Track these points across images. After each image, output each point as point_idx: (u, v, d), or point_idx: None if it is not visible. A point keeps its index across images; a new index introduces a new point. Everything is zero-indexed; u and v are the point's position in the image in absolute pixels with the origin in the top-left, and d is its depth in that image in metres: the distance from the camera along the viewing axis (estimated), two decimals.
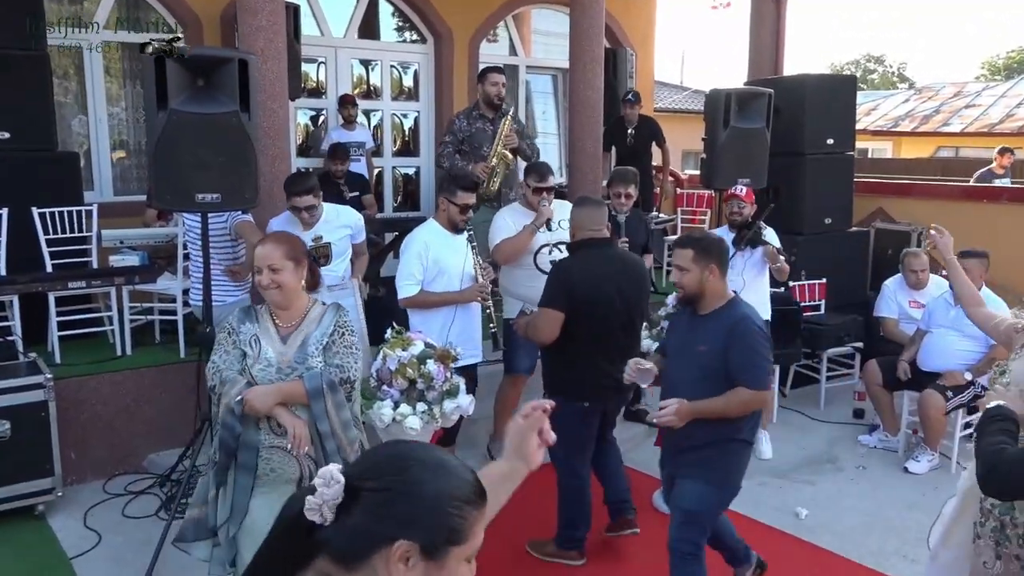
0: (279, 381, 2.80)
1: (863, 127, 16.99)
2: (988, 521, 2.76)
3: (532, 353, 4.63)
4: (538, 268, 4.49)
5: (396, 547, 1.12)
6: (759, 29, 8.45)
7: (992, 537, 2.74)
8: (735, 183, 6.40)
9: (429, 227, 4.33)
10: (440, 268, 4.21)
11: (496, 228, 4.71)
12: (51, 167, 5.60)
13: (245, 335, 2.87)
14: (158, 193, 4.01)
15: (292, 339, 2.87)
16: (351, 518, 1.13)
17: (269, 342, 2.85)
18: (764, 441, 5.33)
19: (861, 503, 4.66)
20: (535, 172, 4.66)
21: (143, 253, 5.62)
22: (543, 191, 4.58)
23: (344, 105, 7.64)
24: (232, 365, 2.85)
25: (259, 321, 2.90)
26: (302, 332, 2.88)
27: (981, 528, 2.78)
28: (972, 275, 5.05)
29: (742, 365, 3.10)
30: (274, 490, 2.84)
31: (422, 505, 1.15)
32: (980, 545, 2.79)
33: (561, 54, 8.66)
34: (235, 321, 2.92)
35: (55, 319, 4.98)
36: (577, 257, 3.81)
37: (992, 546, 2.74)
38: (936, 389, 4.94)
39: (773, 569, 3.96)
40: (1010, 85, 19.47)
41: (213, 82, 3.92)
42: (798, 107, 6.78)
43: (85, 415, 4.75)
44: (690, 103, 17.87)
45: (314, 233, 4.37)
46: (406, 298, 4.17)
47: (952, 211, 7.33)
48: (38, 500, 4.32)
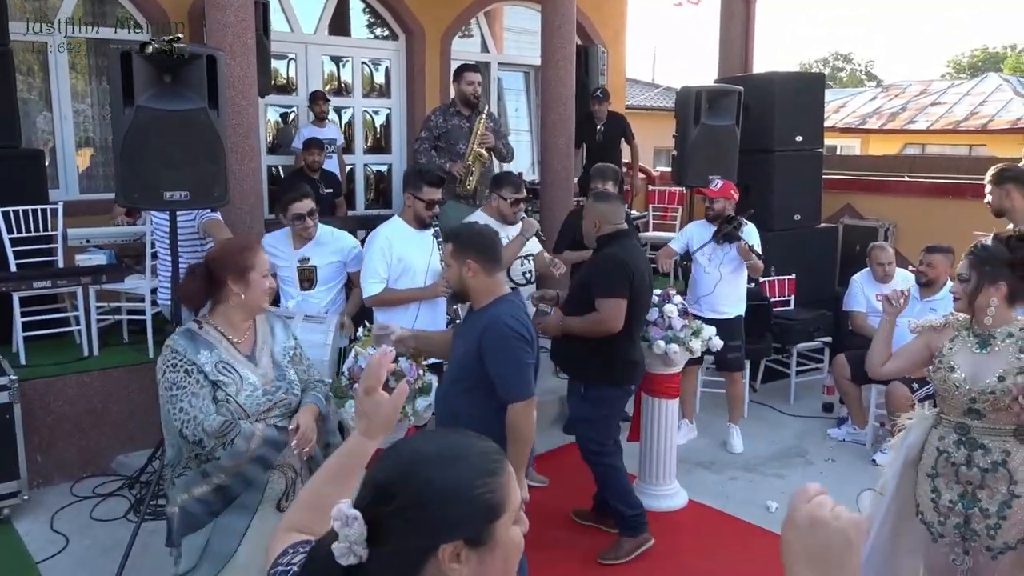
0: (267, 403, 2.64)
1: (831, 124, 17.20)
2: (949, 519, 2.79)
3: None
4: (511, 280, 4.44)
5: (441, 552, 1.10)
6: (729, 27, 8.52)
7: (957, 533, 2.78)
8: (706, 180, 6.46)
9: (393, 224, 4.25)
10: (405, 265, 4.14)
11: None
12: (15, 165, 5.49)
13: (208, 364, 2.55)
14: (125, 191, 3.94)
15: (258, 356, 2.68)
16: (385, 546, 1.10)
17: (241, 365, 2.63)
18: (735, 435, 5.41)
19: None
20: (510, 184, 4.59)
21: (110, 252, 5.55)
22: (519, 202, 4.57)
23: (315, 101, 7.59)
24: (208, 409, 2.52)
25: (214, 345, 2.59)
26: (264, 348, 2.71)
27: (942, 527, 2.81)
28: (938, 270, 5.16)
29: (496, 376, 2.80)
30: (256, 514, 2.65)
31: (446, 505, 1.11)
32: (943, 544, 2.82)
33: (533, 51, 8.69)
34: (189, 353, 2.54)
35: (20, 319, 4.90)
36: (622, 247, 3.92)
37: (959, 542, 2.78)
38: (902, 381, 5.02)
39: (744, 562, 4.01)
40: (974, 83, 19.81)
41: (181, 79, 3.87)
42: (767, 104, 6.84)
43: (51, 417, 4.68)
44: (661, 100, 17.96)
45: (302, 254, 4.28)
46: (370, 296, 4.14)
47: (918, 207, 7.46)
48: (3, 504, 4.25)
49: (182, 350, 2.55)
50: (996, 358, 2.73)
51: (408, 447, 1.19)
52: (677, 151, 6.36)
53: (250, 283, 2.62)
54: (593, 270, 3.96)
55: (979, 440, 2.74)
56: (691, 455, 5.24)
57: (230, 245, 2.81)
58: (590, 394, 3.98)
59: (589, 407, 4.00)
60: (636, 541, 4.00)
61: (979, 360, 2.76)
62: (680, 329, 4.41)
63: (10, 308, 4.91)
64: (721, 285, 5.17)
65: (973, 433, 2.76)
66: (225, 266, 2.61)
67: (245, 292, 2.61)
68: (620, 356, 3.95)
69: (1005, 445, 2.71)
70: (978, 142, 17.02)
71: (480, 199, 5.81)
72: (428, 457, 1.15)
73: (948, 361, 2.82)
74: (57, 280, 4.97)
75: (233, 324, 2.65)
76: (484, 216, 4.56)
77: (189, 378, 2.52)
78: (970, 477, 2.75)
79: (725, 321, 5.08)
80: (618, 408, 4.14)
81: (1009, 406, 2.66)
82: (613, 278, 3.83)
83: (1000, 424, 2.72)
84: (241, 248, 2.71)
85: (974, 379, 2.74)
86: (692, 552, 4.16)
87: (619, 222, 3.98)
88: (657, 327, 4.39)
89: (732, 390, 5.49)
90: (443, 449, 1.16)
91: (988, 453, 2.73)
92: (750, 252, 5.02)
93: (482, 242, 2.95)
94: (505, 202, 4.53)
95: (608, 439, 4.07)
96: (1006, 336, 2.75)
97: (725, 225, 5.12)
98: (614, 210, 3.99)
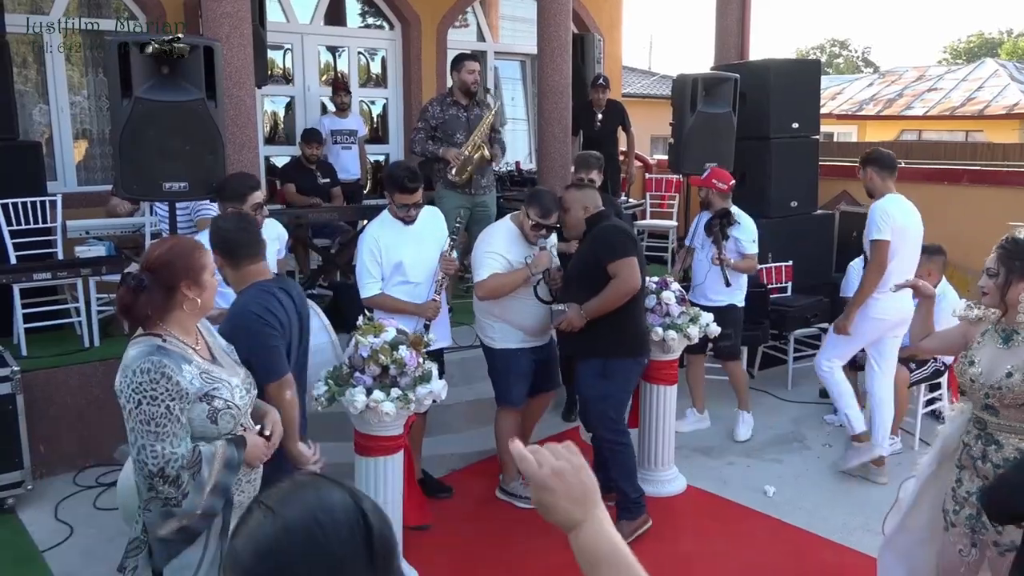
0: (250, 400, 2.54)
1: (828, 111, 17.19)
2: (963, 509, 2.79)
3: (525, 383, 4.39)
4: (539, 298, 4.26)
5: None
6: (725, 13, 8.49)
7: (968, 525, 2.77)
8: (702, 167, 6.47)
9: (381, 220, 4.19)
10: (396, 262, 4.08)
11: (484, 255, 4.19)
12: (13, 157, 5.50)
13: (195, 379, 2.32)
14: (124, 182, 3.96)
15: (220, 359, 2.51)
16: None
17: (218, 370, 2.44)
18: (742, 423, 5.41)
19: (827, 480, 4.77)
20: (538, 206, 4.14)
21: (109, 243, 5.56)
22: (541, 227, 4.16)
23: (336, 92, 7.55)
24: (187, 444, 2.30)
25: (189, 357, 2.36)
26: (218, 349, 2.55)
27: (956, 517, 2.81)
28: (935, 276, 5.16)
29: (248, 361, 2.69)
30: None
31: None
32: (955, 533, 2.81)
33: (529, 40, 8.65)
34: (174, 373, 2.26)
35: (20, 311, 4.92)
36: (611, 220, 4.12)
37: (968, 533, 2.77)
38: (901, 362, 5.06)
39: (743, 546, 4.06)
40: (970, 69, 19.78)
41: (178, 70, 3.88)
42: (763, 92, 6.85)
43: (54, 407, 4.71)
44: (658, 88, 17.93)
45: None
46: (367, 298, 4.13)
47: (915, 194, 7.44)
48: (8, 494, 4.29)
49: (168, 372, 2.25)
50: (1013, 354, 2.68)
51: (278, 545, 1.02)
52: (674, 139, 6.37)
53: (204, 285, 2.42)
54: (595, 245, 4.00)
55: (995, 436, 2.71)
56: (689, 441, 5.28)
57: (178, 248, 2.45)
58: (609, 369, 4.03)
59: (607, 384, 4.05)
60: (634, 524, 4.05)
61: (999, 355, 2.72)
62: (678, 316, 4.44)
63: (11, 300, 4.93)
64: (711, 275, 5.20)
65: (989, 428, 2.73)
66: (178, 271, 2.36)
67: (200, 295, 2.41)
68: (632, 327, 4.08)
69: (1020, 443, 2.66)
70: (975, 128, 17.02)
71: (475, 188, 5.81)
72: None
73: (971, 355, 2.79)
74: (57, 272, 5.00)
75: (188, 331, 2.43)
76: (507, 231, 4.27)
77: (170, 416, 2.24)
78: (985, 472, 2.72)
79: (715, 309, 5.06)
80: (633, 383, 4.27)
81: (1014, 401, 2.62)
82: (617, 241, 3.97)
83: (1014, 421, 2.67)
84: (192, 249, 2.46)
85: (989, 374, 2.70)
86: (690, 536, 4.21)
87: (600, 204, 4.15)
88: (655, 314, 4.42)
89: (732, 378, 5.50)
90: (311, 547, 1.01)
91: (1000, 449, 2.69)
92: (725, 261, 5.06)
93: (219, 236, 2.92)
94: (529, 221, 4.17)
95: (623, 417, 4.18)
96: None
97: (716, 221, 5.15)
98: (593, 195, 4.19)
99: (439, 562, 3.87)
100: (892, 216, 4.48)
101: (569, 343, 4.21)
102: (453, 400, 4.28)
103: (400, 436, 3.56)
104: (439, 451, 4.85)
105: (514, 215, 4.38)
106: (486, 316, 4.34)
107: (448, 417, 5.03)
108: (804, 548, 4.07)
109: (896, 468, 4.69)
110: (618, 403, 4.14)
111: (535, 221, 4.14)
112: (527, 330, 4.30)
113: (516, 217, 4.32)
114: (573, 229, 4.15)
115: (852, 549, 4.00)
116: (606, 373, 4.03)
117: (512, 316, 4.27)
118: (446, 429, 5.04)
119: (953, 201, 6.92)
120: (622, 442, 4.12)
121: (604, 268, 3.91)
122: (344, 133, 7.41)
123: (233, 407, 2.40)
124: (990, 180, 7.20)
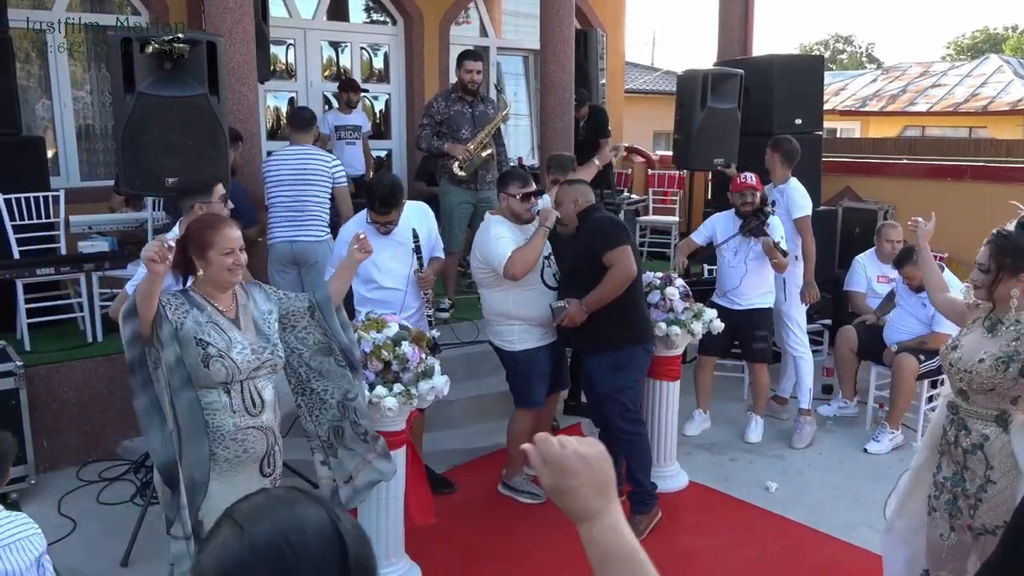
0: (256, 361, 2.71)
1: (831, 107, 17.18)
2: (942, 495, 2.83)
3: (546, 382, 4.36)
4: (545, 284, 4.22)
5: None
6: (728, 9, 8.48)
7: (946, 510, 2.81)
8: (711, 164, 6.45)
9: (359, 220, 4.09)
10: (373, 264, 3.90)
11: (494, 242, 4.07)
12: (16, 152, 5.51)
13: (196, 322, 2.66)
14: (127, 178, 3.97)
15: (244, 323, 2.77)
16: None
17: (229, 327, 2.71)
18: (753, 425, 5.34)
19: (829, 476, 4.77)
20: (516, 179, 4.20)
21: (112, 239, 5.57)
22: (531, 195, 4.17)
23: (345, 90, 7.52)
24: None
25: (204, 307, 2.71)
26: (248, 315, 2.80)
27: (936, 502, 2.85)
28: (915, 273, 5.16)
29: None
30: (240, 471, 2.73)
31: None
32: (936, 518, 2.85)
33: (532, 35, 8.66)
34: (167, 301, 2.65)
35: (23, 306, 4.93)
36: (601, 212, 4.17)
37: (947, 519, 2.81)
38: (911, 352, 5.07)
39: (745, 542, 4.06)
40: (974, 65, 19.74)
41: (180, 65, 3.88)
42: (766, 87, 6.83)
43: (57, 402, 4.72)
44: (661, 84, 17.89)
45: None
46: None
47: (918, 190, 7.46)
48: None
49: (172, 309, 2.64)
50: (993, 342, 2.70)
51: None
52: (680, 135, 6.35)
53: (209, 261, 2.69)
54: (589, 237, 4.01)
55: (965, 421, 2.74)
56: (692, 437, 5.28)
57: (196, 221, 2.87)
58: (622, 360, 4.03)
59: (623, 376, 4.05)
60: (649, 517, 4.08)
61: (980, 342, 2.74)
62: (682, 311, 4.44)
63: (14, 295, 4.94)
64: (747, 278, 5.07)
65: (961, 413, 2.76)
66: (189, 241, 2.72)
67: (206, 268, 2.70)
68: (635, 313, 4.11)
69: (985, 429, 2.68)
70: (978, 124, 17.00)
71: (480, 184, 5.81)
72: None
73: (957, 339, 2.83)
74: (60, 267, 5.00)
75: (212, 292, 2.74)
76: (497, 221, 4.18)
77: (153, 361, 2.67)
78: (957, 456, 2.76)
79: (751, 312, 5.06)
80: (644, 372, 4.30)
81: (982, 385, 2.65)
82: (610, 231, 4.00)
83: (981, 407, 2.70)
84: (203, 226, 2.77)
85: (966, 359, 2.72)
86: (692, 532, 4.20)
87: (591, 198, 4.21)
88: (659, 309, 4.42)
89: (757, 381, 5.33)
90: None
91: (969, 435, 2.72)
92: (775, 249, 4.90)
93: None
94: (515, 199, 4.14)
95: (638, 407, 4.22)
96: (1013, 323, 2.68)
97: (752, 219, 5.03)
98: (584, 189, 4.24)
99: (441, 557, 3.88)
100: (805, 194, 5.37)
101: (577, 341, 4.22)
102: (455, 396, 4.28)
103: (403, 432, 3.56)
104: (441, 447, 4.85)
105: (493, 210, 4.37)
106: (501, 321, 4.24)
107: (450, 413, 5.03)
108: (806, 544, 4.07)
109: (898, 464, 4.69)
110: (634, 394, 4.17)
111: (520, 193, 4.14)
112: (543, 321, 4.19)
113: (496, 210, 4.31)
114: (567, 222, 4.14)
115: (854, 545, 4.00)
116: (619, 365, 4.03)
117: (527, 310, 4.18)
118: (448, 425, 5.05)
119: (956, 197, 6.91)
120: (640, 432, 4.14)
121: (600, 259, 3.91)
122: (348, 128, 7.40)
123: (227, 359, 2.64)
124: (993, 176, 7.19)
